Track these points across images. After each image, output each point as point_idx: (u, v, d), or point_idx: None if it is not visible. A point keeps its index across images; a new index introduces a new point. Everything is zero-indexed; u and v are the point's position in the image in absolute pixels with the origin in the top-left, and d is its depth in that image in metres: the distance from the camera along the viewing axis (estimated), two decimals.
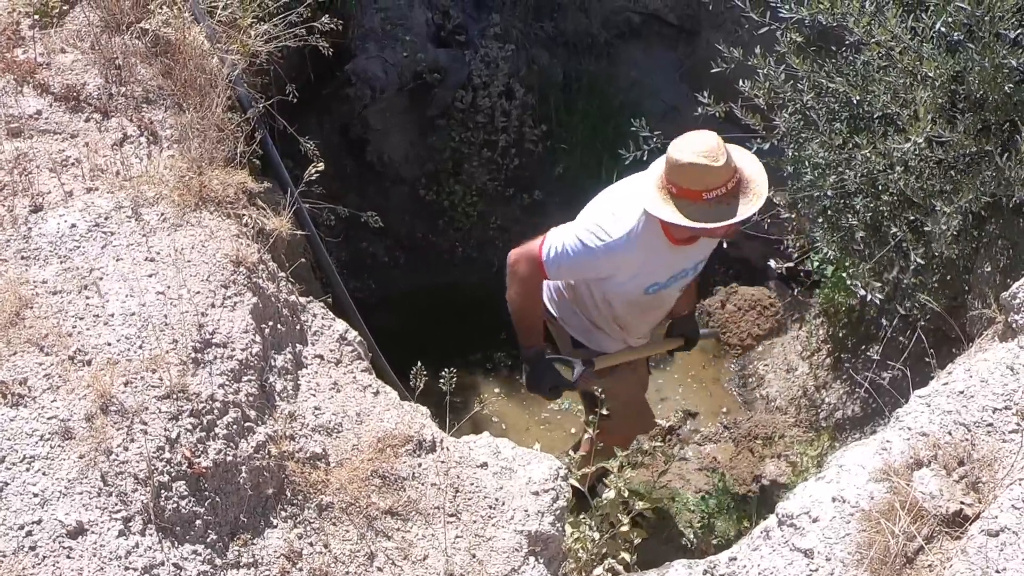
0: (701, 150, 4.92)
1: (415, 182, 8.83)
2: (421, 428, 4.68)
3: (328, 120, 8.51)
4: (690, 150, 4.94)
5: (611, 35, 9.34)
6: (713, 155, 4.91)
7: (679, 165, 4.94)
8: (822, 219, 6.30)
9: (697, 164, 4.91)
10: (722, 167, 4.92)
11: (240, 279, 4.65)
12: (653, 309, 5.79)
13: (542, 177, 8.89)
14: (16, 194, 4.74)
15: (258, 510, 4.15)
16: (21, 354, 4.06)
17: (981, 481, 3.89)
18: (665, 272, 5.39)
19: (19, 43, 5.40)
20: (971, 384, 4.23)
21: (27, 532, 3.62)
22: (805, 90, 6.05)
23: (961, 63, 5.24)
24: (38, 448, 3.79)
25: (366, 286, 8.42)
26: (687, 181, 4.95)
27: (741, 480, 7.10)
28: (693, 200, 4.98)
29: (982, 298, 5.50)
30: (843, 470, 4.17)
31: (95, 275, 4.44)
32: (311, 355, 4.84)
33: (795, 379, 7.67)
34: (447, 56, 8.75)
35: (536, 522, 4.50)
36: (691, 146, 4.96)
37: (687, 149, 4.95)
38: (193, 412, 4.06)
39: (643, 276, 5.39)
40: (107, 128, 5.17)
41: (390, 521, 4.32)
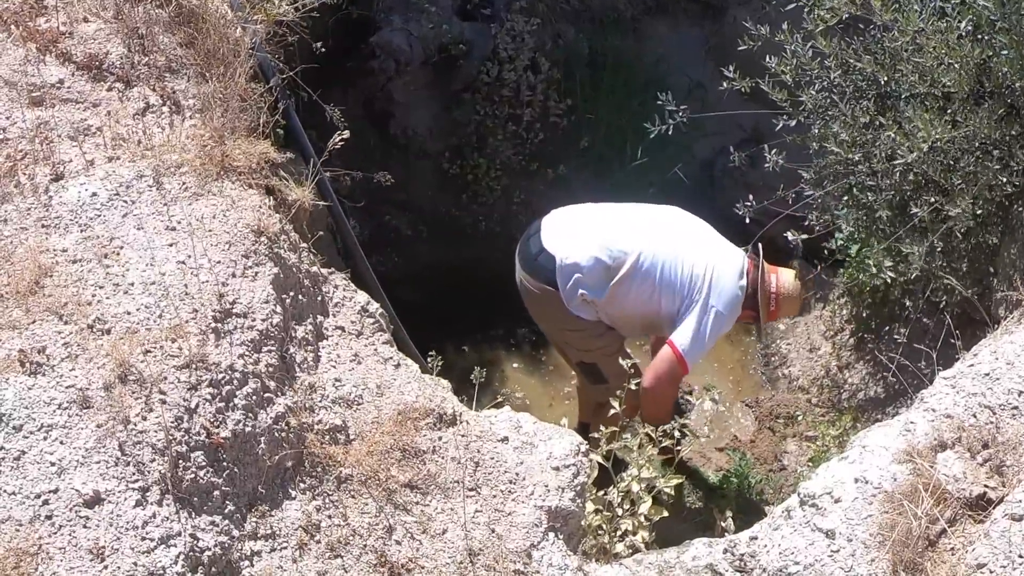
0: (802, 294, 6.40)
1: (439, 156, 8.79)
2: (442, 402, 4.67)
3: (352, 93, 8.46)
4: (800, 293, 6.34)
5: (637, 11, 9.29)
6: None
7: (795, 299, 6.32)
8: (847, 197, 6.27)
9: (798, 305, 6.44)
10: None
11: (261, 249, 4.63)
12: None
13: (567, 152, 8.85)
14: (37, 162, 4.72)
15: (276, 481, 4.14)
16: (40, 322, 4.05)
17: (1005, 464, 3.87)
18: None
19: (42, 12, 5.37)
20: (997, 366, 4.21)
21: (44, 501, 3.61)
22: (832, 67, 6.01)
23: (988, 50, 5.21)
24: (56, 417, 3.78)
25: (389, 260, 8.39)
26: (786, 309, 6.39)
27: (762, 459, 7.08)
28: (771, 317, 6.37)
29: (1008, 280, 5.46)
30: (866, 451, 4.15)
31: (115, 244, 4.42)
32: (332, 326, 4.83)
33: (818, 359, 7.64)
34: (472, 29, 8.70)
35: (556, 498, 4.49)
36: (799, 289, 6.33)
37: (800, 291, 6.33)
38: (212, 382, 4.05)
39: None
40: (129, 97, 5.15)
41: (409, 495, 4.30)
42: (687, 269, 5.91)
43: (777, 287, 6.18)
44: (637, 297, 5.95)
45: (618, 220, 6.08)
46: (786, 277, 6.23)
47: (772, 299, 6.17)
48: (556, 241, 5.98)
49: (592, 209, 6.19)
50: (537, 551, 4.37)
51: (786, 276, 6.24)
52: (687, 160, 8.63)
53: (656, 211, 6.27)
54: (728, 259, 6.06)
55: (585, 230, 6.02)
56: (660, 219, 6.17)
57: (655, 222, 6.12)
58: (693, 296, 5.91)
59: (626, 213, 6.17)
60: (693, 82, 8.77)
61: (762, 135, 7.59)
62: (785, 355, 7.90)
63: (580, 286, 5.91)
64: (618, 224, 6.04)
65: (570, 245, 5.93)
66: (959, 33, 5.28)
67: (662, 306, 5.96)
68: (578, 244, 5.94)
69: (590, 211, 6.17)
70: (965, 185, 5.43)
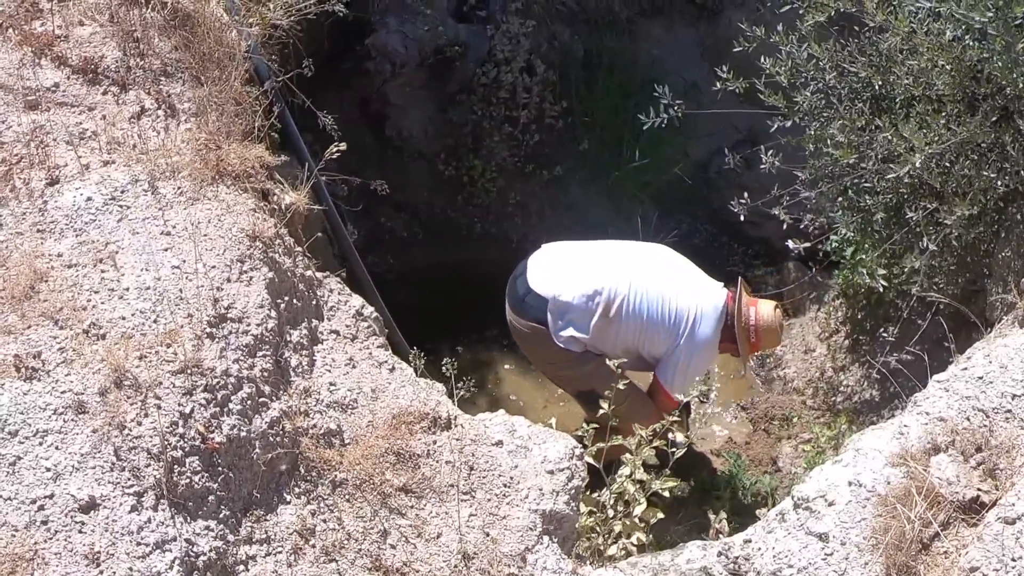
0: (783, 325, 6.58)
1: (434, 157, 8.79)
2: (436, 405, 4.68)
3: (347, 94, 8.47)
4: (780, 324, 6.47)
5: (633, 12, 9.29)
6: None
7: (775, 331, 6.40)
8: (842, 199, 6.28)
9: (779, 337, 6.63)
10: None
11: (256, 254, 4.64)
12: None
13: (562, 153, 8.85)
14: (33, 167, 4.73)
15: (271, 486, 4.15)
16: (36, 327, 4.06)
17: (999, 468, 3.88)
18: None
19: (37, 15, 5.37)
20: (990, 370, 4.22)
21: (39, 506, 3.62)
22: (827, 69, 6.02)
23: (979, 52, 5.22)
24: (51, 422, 3.79)
25: (384, 261, 8.39)
26: (766, 341, 6.44)
27: (757, 461, 7.09)
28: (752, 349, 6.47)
29: (1002, 283, 5.47)
30: (860, 454, 4.16)
31: (111, 249, 4.43)
32: (327, 330, 4.84)
33: (813, 360, 7.64)
34: (468, 31, 8.71)
35: (551, 501, 4.50)
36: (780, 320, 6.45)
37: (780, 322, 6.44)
38: (207, 387, 4.06)
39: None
40: (125, 101, 5.15)
41: (404, 498, 4.32)
42: (672, 308, 6.12)
43: (756, 319, 6.28)
44: (624, 335, 6.12)
45: (606, 259, 6.21)
46: (765, 309, 6.33)
47: (752, 331, 6.27)
48: (543, 281, 6.09)
49: (578, 248, 6.32)
50: (532, 554, 4.38)
51: (765, 308, 6.34)
52: (683, 161, 8.65)
53: (641, 250, 6.47)
54: (709, 296, 6.25)
55: (573, 269, 6.14)
56: (646, 258, 6.32)
57: (641, 262, 6.26)
58: (679, 334, 6.12)
59: (613, 252, 6.32)
60: (688, 83, 8.77)
61: (758, 137, 7.60)
62: (780, 357, 7.91)
63: (569, 324, 6.04)
64: (606, 264, 6.16)
65: (558, 285, 6.05)
66: (951, 37, 5.29)
67: (649, 344, 6.18)
68: (566, 284, 6.06)
69: (577, 250, 6.31)
70: (960, 189, 5.44)
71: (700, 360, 6.30)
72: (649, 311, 6.06)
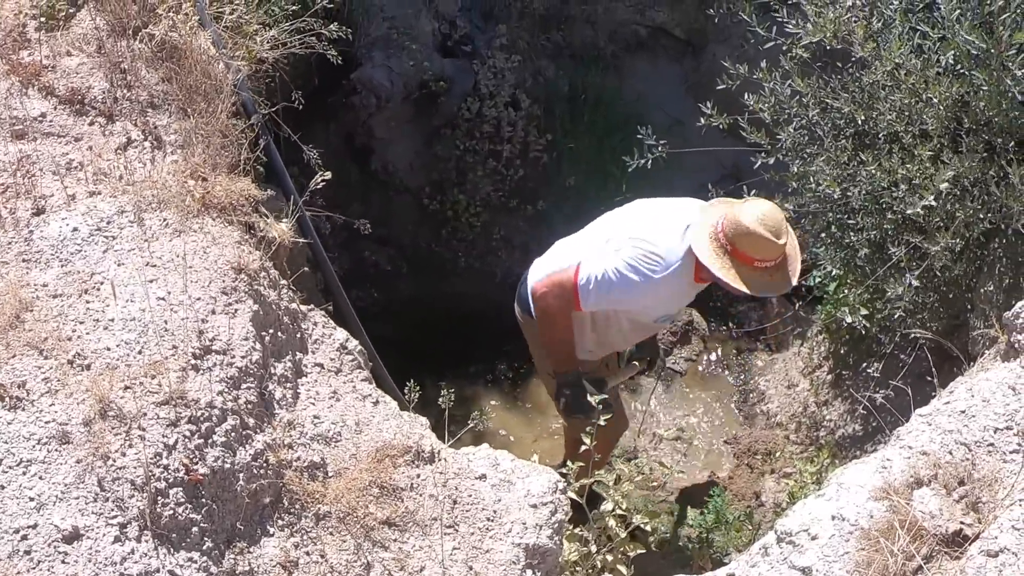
0: (770, 224, 5.12)
1: (419, 191, 8.82)
2: (420, 439, 4.68)
3: (333, 127, 8.50)
4: (760, 221, 5.12)
5: (617, 48, 9.35)
6: (778, 231, 5.10)
7: (748, 232, 5.11)
8: (825, 235, 6.30)
9: (764, 237, 5.10)
10: (779, 247, 5.15)
11: (241, 286, 4.65)
12: (650, 332, 6.00)
13: (546, 188, 8.88)
14: (19, 196, 4.74)
15: (255, 518, 4.14)
16: (20, 357, 4.06)
17: (981, 501, 3.88)
18: (678, 305, 5.58)
19: (25, 45, 5.40)
20: (972, 403, 4.23)
21: (22, 536, 3.61)
22: (810, 105, 6.05)
23: (966, 86, 5.25)
24: (35, 452, 3.78)
25: (368, 294, 8.40)
26: (750, 248, 5.13)
27: (740, 495, 7.09)
28: (745, 264, 5.17)
29: (984, 317, 5.49)
30: (843, 488, 4.16)
31: (96, 279, 4.44)
32: (311, 363, 4.84)
33: (796, 395, 7.65)
34: (453, 66, 8.74)
35: (534, 535, 4.49)
36: (761, 217, 5.14)
37: (757, 218, 5.13)
38: (192, 419, 4.05)
39: (664, 307, 5.61)
40: (111, 132, 5.17)
41: (387, 532, 4.31)
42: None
43: (723, 223, 5.19)
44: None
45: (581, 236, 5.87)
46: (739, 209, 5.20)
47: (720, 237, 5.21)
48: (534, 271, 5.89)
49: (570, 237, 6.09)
50: None
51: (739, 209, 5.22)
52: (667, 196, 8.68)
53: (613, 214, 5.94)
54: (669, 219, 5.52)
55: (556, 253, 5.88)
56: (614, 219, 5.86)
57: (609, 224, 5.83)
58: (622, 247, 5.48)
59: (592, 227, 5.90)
60: (672, 119, 8.80)
61: (741, 172, 7.65)
62: (763, 391, 7.92)
63: None
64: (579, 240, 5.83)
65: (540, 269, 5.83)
66: (938, 69, 5.33)
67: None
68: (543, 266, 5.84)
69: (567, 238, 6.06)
70: (944, 224, 5.47)
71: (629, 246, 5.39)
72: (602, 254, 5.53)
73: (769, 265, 5.18)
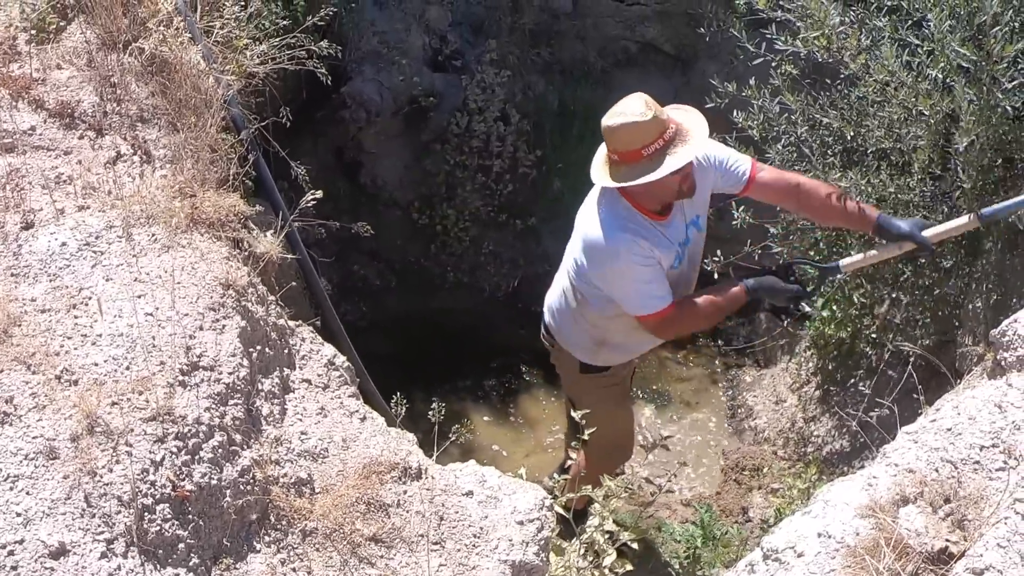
0: (628, 111, 4.99)
1: (408, 206, 8.83)
2: (407, 455, 4.68)
3: (322, 142, 8.51)
4: (618, 113, 5.01)
5: (607, 63, 9.37)
6: (640, 112, 4.95)
7: (611, 129, 5.02)
8: (813, 252, 6.31)
9: (627, 123, 4.96)
10: (652, 121, 4.96)
11: (229, 302, 4.65)
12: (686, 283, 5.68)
13: (536, 203, 8.90)
14: (8, 210, 4.73)
15: (241, 534, 4.13)
16: (8, 372, 4.05)
17: (967, 519, 3.89)
18: (669, 245, 5.36)
19: (15, 58, 5.40)
20: (959, 421, 4.23)
21: (9, 552, 3.60)
22: (799, 123, 6.07)
23: (956, 102, 5.27)
24: (22, 467, 3.78)
25: (357, 309, 8.41)
26: (623, 143, 5.01)
27: (728, 511, 7.08)
28: (636, 160, 5.01)
29: (972, 334, 5.50)
30: (829, 505, 4.16)
31: (84, 294, 4.43)
32: (298, 379, 4.84)
33: (784, 411, 7.66)
34: (443, 81, 8.77)
35: (520, 552, 4.49)
36: (619, 109, 5.03)
37: (615, 113, 5.03)
38: (178, 435, 4.05)
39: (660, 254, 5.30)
40: (101, 146, 5.17)
41: (374, 548, 4.30)
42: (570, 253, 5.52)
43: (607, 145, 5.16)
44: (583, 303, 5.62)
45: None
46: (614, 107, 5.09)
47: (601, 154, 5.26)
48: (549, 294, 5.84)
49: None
50: None
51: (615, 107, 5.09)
52: None
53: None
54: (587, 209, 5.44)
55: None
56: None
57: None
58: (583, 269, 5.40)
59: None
60: None
61: None
62: (751, 407, 7.93)
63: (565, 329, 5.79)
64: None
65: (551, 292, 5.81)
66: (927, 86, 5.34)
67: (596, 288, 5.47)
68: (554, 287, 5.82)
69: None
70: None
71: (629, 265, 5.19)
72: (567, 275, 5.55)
73: (659, 146, 5.00)
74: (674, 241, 5.38)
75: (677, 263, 5.44)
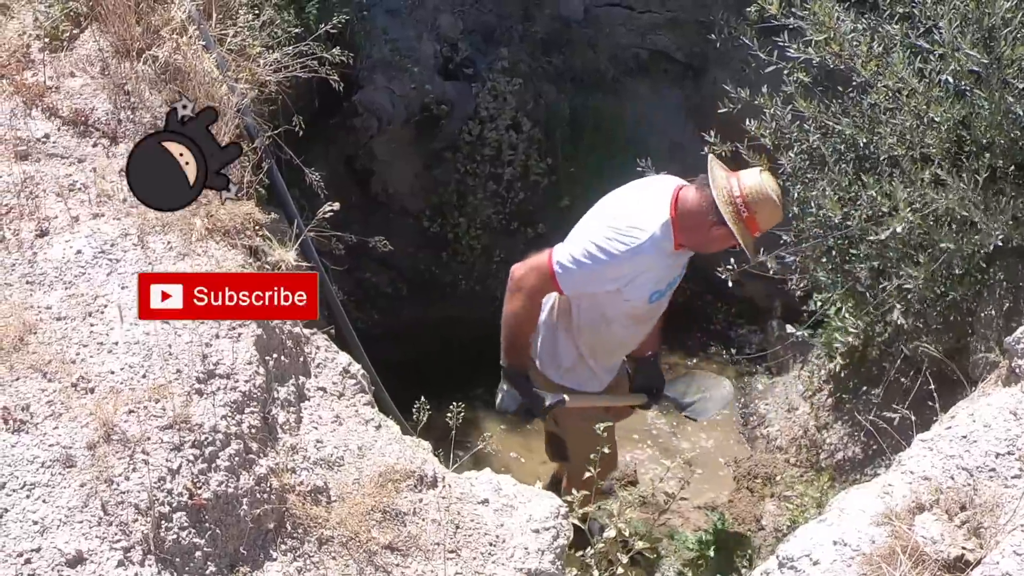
0: (780, 193, 5.31)
1: (419, 214, 8.83)
2: (423, 463, 4.68)
3: (334, 150, 8.50)
4: (776, 192, 5.27)
5: (618, 71, 9.37)
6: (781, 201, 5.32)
7: (769, 201, 5.24)
8: (826, 259, 6.31)
9: (779, 208, 5.30)
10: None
11: None
12: (646, 323, 5.84)
13: (547, 211, 8.89)
14: (22, 218, 4.74)
15: (258, 543, 4.13)
16: (24, 380, 4.05)
17: (983, 527, 3.88)
18: (666, 278, 5.55)
19: (28, 65, 5.41)
20: (974, 429, 4.23)
21: (26, 560, 3.60)
22: (811, 130, 6.07)
23: (967, 107, 5.26)
24: (39, 475, 3.78)
25: (369, 317, 8.39)
26: (765, 217, 5.29)
27: (740, 519, 7.08)
28: (751, 231, 5.30)
29: (985, 341, 5.49)
30: (844, 513, 4.16)
31: (100, 302, 4.43)
32: (314, 388, 4.84)
33: (796, 419, 7.65)
34: (454, 89, 8.77)
35: (536, 560, 4.49)
36: (776, 188, 5.29)
37: (775, 189, 5.28)
38: (195, 443, 4.05)
39: (652, 281, 5.47)
40: (115, 154, 5.17)
41: (390, 556, 4.30)
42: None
43: (741, 190, 5.24)
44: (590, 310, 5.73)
45: None
46: (748, 176, 5.31)
47: (740, 205, 5.23)
48: None
49: None
50: None
51: (748, 176, 5.32)
52: None
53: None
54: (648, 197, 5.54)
55: None
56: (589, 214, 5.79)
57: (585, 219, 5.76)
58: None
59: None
60: (673, 142, 8.83)
61: None
62: (764, 415, 7.92)
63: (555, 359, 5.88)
64: None
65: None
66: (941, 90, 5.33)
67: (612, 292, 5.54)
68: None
69: None
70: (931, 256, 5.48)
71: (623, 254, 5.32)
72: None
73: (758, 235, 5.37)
74: (667, 277, 5.57)
75: (656, 297, 5.59)
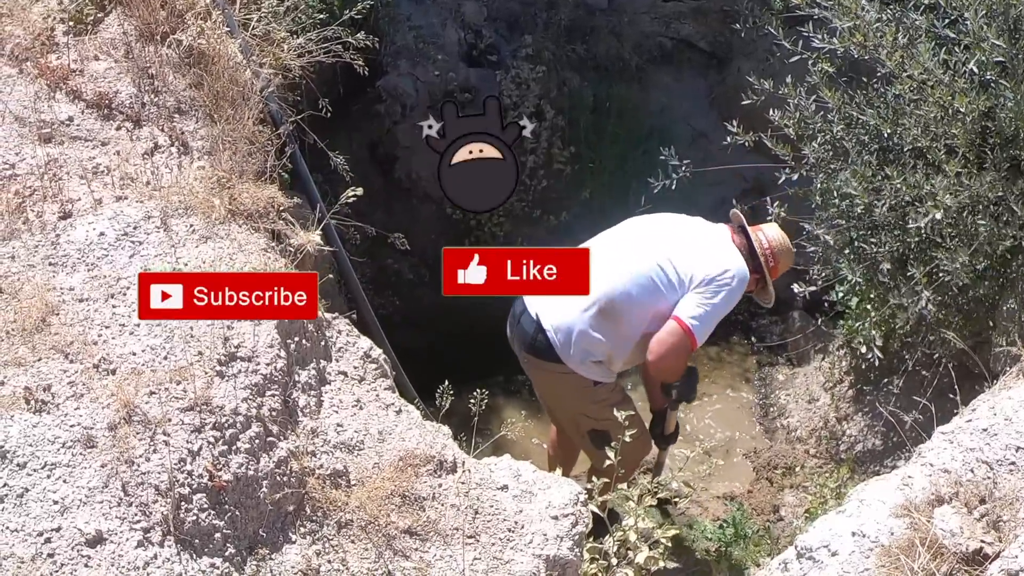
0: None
1: (442, 200, 8.80)
2: (443, 448, 4.68)
3: (357, 136, 8.50)
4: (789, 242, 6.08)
5: (642, 59, 9.36)
6: None
7: (790, 251, 6.06)
8: (848, 250, 6.29)
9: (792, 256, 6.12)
10: None
11: None
12: None
13: (569, 199, 8.88)
14: (46, 200, 4.75)
15: (277, 525, 4.14)
16: (46, 360, 4.07)
17: (1002, 520, 3.87)
18: None
19: (53, 49, 5.42)
20: (995, 422, 4.22)
21: (46, 539, 3.61)
22: (835, 121, 6.06)
23: (992, 99, 5.24)
24: (60, 455, 3.79)
25: (390, 303, 8.40)
26: (786, 264, 6.09)
27: (759, 510, 7.07)
28: (772, 276, 6.02)
29: (1006, 335, 5.48)
30: (863, 504, 4.15)
31: (122, 284, 4.44)
32: (335, 371, 4.84)
33: (816, 410, 7.64)
34: (478, 75, 8.76)
35: (555, 546, 4.48)
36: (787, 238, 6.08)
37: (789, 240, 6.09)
38: (216, 425, 4.06)
39: None
40: (138, 137, 5.19)
41: (409, 541, 4.30)
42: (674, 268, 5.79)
43: (768, 242, 5.96)
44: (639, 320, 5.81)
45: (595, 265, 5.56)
46: (771, 230, 6.07)
47: (768, 256, 5.95)
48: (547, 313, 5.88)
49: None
50: None
51: (771, 229, 6.07)
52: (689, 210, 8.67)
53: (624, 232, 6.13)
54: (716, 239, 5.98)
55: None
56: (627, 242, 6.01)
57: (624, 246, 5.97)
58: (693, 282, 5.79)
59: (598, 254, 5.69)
60: (696, 132, 8.83)
61: (764, 187, 7.65)
62: (784, 406, 7.91)
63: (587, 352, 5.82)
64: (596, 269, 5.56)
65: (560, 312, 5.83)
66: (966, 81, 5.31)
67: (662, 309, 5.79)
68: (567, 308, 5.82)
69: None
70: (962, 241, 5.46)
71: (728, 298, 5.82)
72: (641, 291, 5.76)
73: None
74: None
75: None
